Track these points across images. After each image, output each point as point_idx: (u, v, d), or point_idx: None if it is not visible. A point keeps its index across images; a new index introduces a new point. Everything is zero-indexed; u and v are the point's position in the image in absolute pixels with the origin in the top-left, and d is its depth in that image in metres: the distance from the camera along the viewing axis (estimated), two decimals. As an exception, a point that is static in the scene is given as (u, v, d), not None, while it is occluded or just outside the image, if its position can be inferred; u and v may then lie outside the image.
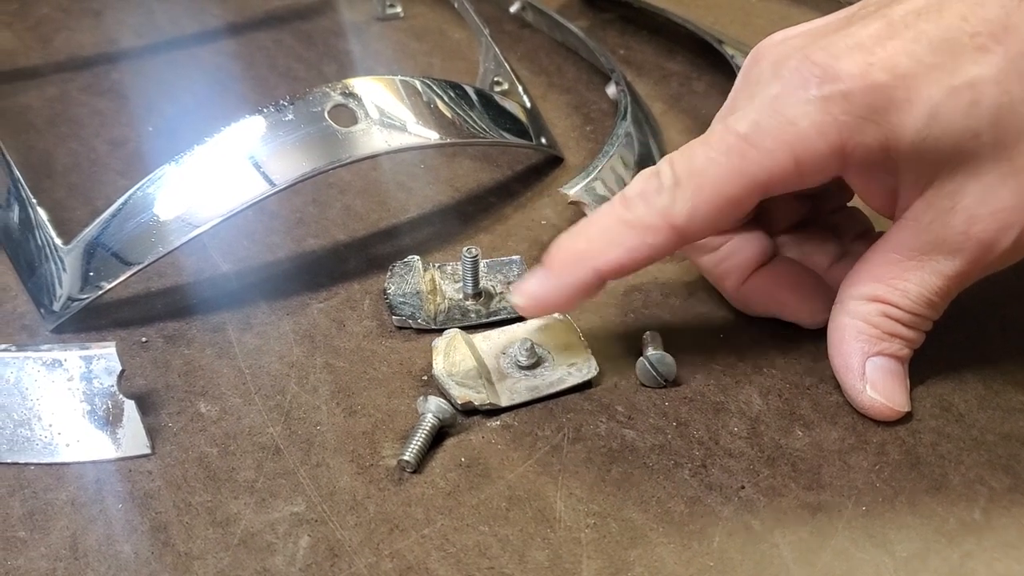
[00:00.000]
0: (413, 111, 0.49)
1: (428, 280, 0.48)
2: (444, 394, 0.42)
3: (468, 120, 0.52)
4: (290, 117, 0.46)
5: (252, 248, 0.51)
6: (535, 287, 0.41)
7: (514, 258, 0.49)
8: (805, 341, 0.45)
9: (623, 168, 0.52)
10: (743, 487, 0.40)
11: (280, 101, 0.46)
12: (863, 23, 0.38)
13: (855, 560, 0.37)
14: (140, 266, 0.44)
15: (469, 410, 0.42)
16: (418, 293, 0.47)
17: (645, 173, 0.41)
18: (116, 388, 0.40)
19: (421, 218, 0.53)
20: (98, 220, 0.45)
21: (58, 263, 0.45)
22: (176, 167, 0.45)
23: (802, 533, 0.38)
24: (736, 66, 0.60)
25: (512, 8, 0.70)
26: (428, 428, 0.40)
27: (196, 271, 0.49)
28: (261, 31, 0.69)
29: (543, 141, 0.56)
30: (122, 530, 0.38)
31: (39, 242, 0.46)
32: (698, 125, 0.59)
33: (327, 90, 0.47)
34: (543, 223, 0.53)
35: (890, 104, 0.37)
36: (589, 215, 0.44)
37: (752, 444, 0.41)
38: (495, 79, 0.59)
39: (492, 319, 0.47)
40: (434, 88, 0.51)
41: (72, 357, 0.40)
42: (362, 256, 0.51)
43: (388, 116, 0.48)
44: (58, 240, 0.45)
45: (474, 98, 0.53)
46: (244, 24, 0.69)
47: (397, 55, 0.67)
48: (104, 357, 0.40)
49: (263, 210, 0.51)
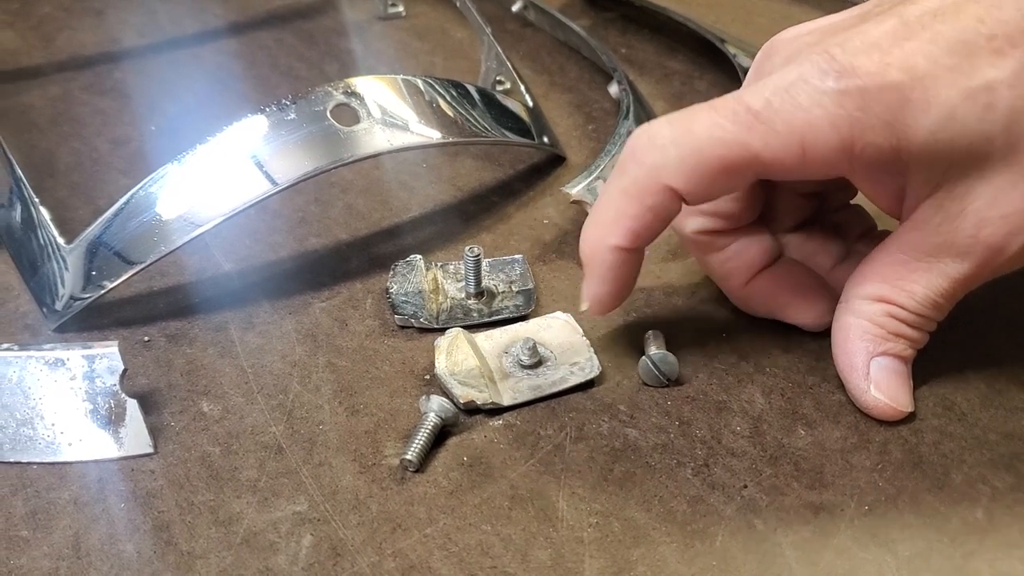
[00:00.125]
0: (415, 110, 0.49)
1: (430, 279, 0.48)
2: (446, 393, 0.42)
3: (470, 119, 0.52)
4: (292, 116, 0.46)
5: (254, 247, 0.51)
6: (585, 290, 0.42)
7: (516, 257, 0.49)
8: (807, 340, 0.45)
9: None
10: (746, 486, 0.40)
11: (282, 100, 0.46)
12: (878, 21, 0.38)
13: (857, 559, 0.37)
14: (142, 265, 0.44)
15: (471, 409, 0.42)
16: (420, 292, 0.47)
17: (638, 131, 0.40)
18: (118, 387, 0.40)
19: (423, 217, 0.53)
20: (100, 219, 0.45)
21: (60, 262, 0.45)
22: (178, 166, 0.45)
23: (805, 532, 0.38)
24: (738, 65, 0.60)
25: (514, 7, 0.70)
26: (430, 427, 0.40)
27: (198, 270, 0.49)
28: (263, 30, 0.69)
29: (545, 140, 0.56)
30: (124, 529, 0.38)
31: (41, 241, 0.46)
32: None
33: (329, 89, 0.47)
34: (545, 222, 0.53)
35: (905, 104, 0.37)
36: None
37: (755, 443, 0.41)
38: (497, 78, 0.59)
39: (494, 318, 0.47)
40: (436, 87, 0.51)
41: (74, 356, 0.40)
42: (364, 255, 0.51)
43: (390, 115, 0.48)
44: (60, 239, 0.45)
45: (476, 97, 0.53)
46: (246, 23, 0.69)
47: (399, 54, 0.67)
48: (106, 356, 0.40)
49: (265, 209, 0.51)
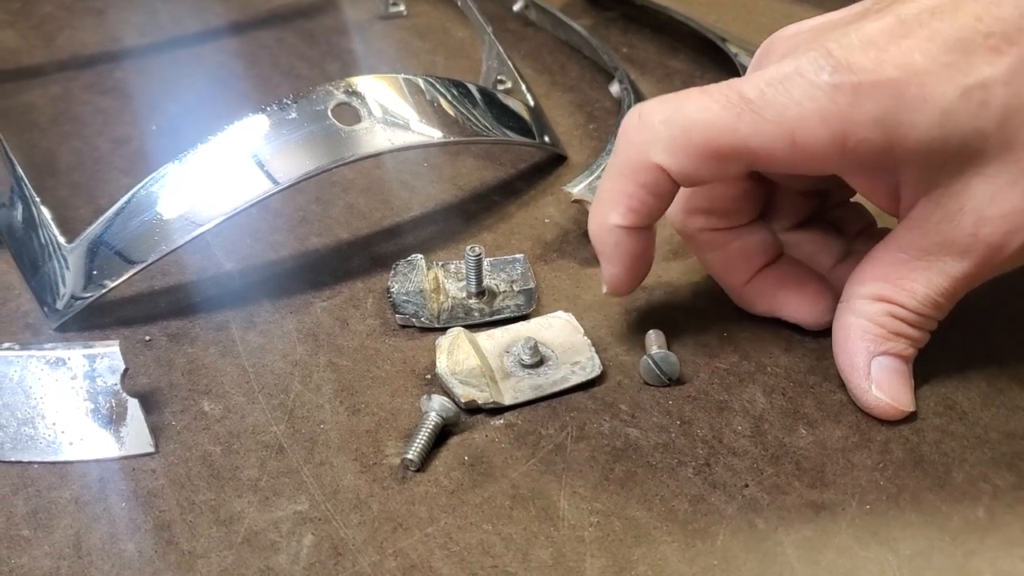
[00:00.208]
0: (416, 109, 0.49)
1: (431, 278, 0.48)
2: (448, 393, 0.42)
3: (471, 118, 0.52)
4: (293, 115, 0.46)
5: (255, 246, 0.51)
6: (602, 273, 0.43)
7: (517, 256, 0.49)
8: (809, 340, 0.45)
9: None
10: (747, 485, 0.40)
11: (283, 99, 0.46)
12: (876, 18, 0.38)
13: (859, 558, 0.37)
14: (143, 264, 0.44)
15: (473, 409, 0.42)
16: (421, 292, 0.47)
17: (631, 111, 0.41)
18: (120, 386, 0.40)
19: (424, 216, 0.53)
20: (101, 219, 0.45)
21: (61, 261, 0.45)
22: (179, 165, 0.45)
23: (806, 531, 0.38)
24: (740, 64, 0.60)
25: (515, 6, 0.70)
26: (431, 427, 0.40)
27: (199, 269, 0.49)
28: (264, 30, 0.69)
29: (546, 139, 0.56)
30: (126, 529, 0.38)
31: (42, 241, 0.46)
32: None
33: (330, 88, 0.47)
34: (546, 221, 0.53)
35: (900, 102, 0.37)
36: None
37: (756, 442, 0.41)
38: (498, 77, 0.59)
39: (495, 318, 0.47)
40: (437, 86, 0.51)
41: (76, 356, 0.40)
42: (365, 254, 0.51)
43: (391, 114, 0.48)
44: (61, 238, 0.45)
45: (477, 96, 0.53)
46: (247, 23, 0.70)
47: (400, 53, 0.67)
48: (107, 355, 0.40)
49: (266, 208, 0.51)
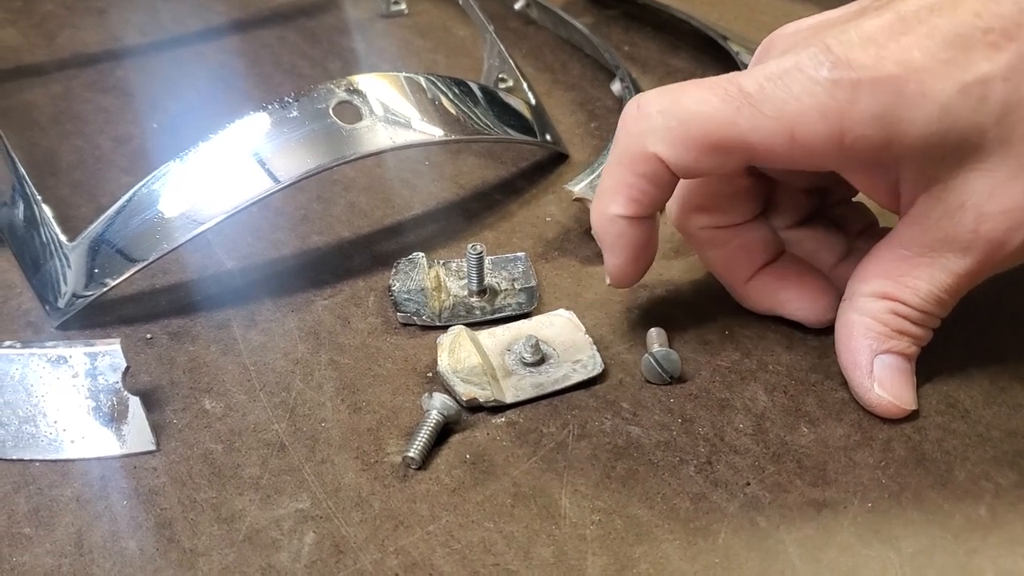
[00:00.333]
0: (418, 108, 0.49)
1: (433, 277, 0.48)
2: (449, 391, 0.42)
3: (473, 117, 0.52)
4: (294, 114, 0.46)
5: (257, 245, 0.51)
6: (605, 264, 0.43)
7: (519, 255, 0.49)
8: (810, 338, 0.45)
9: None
10: (748, 484, 0.39)
11: (284, 98, 0.46)
12: (875, 15, 0.38)
13: (861, 556, 0.37)
14: (145, 263, 0.44)
15: (474, 407, 0.42)
16: (423, 290, 0.47)
17: (630, 101, 0.41)
18: (121, 385, 0.40)
19: (426, 215, 0.53)
20: (103, 217, 0.45)
21: (63, 260, 0.45)
22: (180, 164, 0.45)
23: (808, 530, 0.38)
24: (741, 62, 0.60)
25: (517, 5, 0.70)
26: (433, 425, 0.40)
27: (201, 268, 0.49)
28: (265, 28, 0.69)
29: (548, 138, 0.56)
30: (127, 526, 0.38)
31: (44, 239, 0.46)
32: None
33: (332, 87, 0.47)
34: (548, 220, 0.53)
35: (899, 98, 0.37)
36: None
37: (757, 441, 0.41)
38: (500, 76, 0.59)
39: (497, 316, 0.47)
40: (438, 85, 0.51)
41: (77, 354, 0.40)
42: (367, 253, 0.50)
43: (393, 113, 0.48)
44: (63, 237, 0.45)
45: (479, 95, 0.53)
46: (248, 21, 0.69)
47: (401, 52, 0.67)
48: (109, 354, 0.40)
49: (268, 207, 0.51)
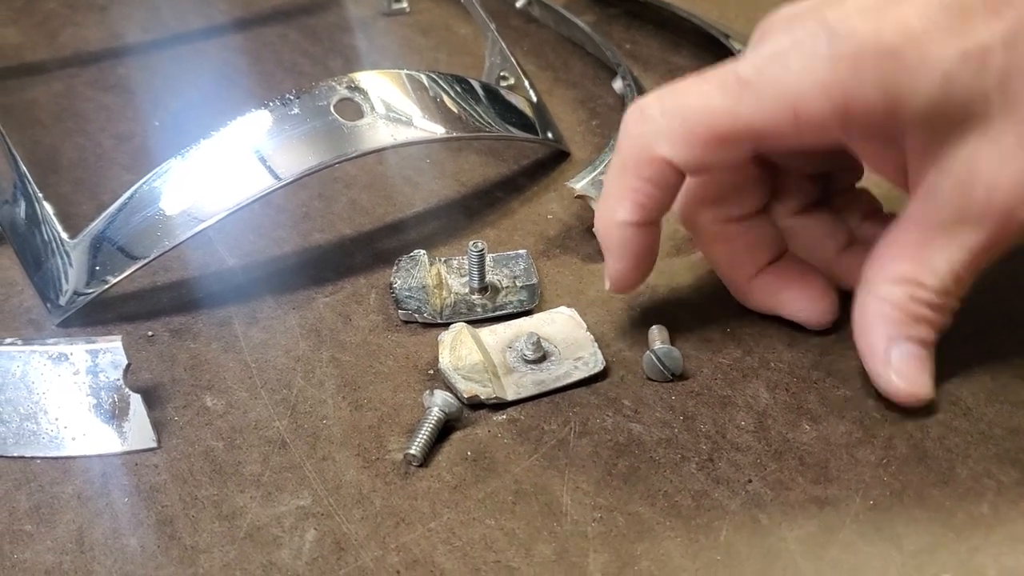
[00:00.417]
0: (419, 105, 0.49)
1: (434, 274, 0.48)
2: (450, 388, 0.42)
3: (474, 115, 0.51)
4: (296, 111, 0.46)
5: (258, 242, 0.51)
6: (606, 269, 0.43)
7: (520, 252, 0.49)
8: (812, 335, 0.45)
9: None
10: (750, 481, 0.39)
11: (286, 95, 0.46)
12: None
13: (863, 554, 0.37)
14: (146, 260, 0.44)
15: (475, 404, 0.42)
16: (424, 287, 0.47)
17: (631, 106, 0.41)
18: (122, 382, 0.40)
19: (427, 212, 0.53)
20: (104, 214, 0.45)
21: (64, 257, 0.45)
22: (182, 161, 0.45)
23: (809, 527, 0.38)
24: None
25: (518, 3, 0.70)
26: (434, 422, 0.40)
27: (202, 265, 0.49)
28: (267, 26, 0.69)
29: (549, 136, 0.56)
30: (128, 523, 0.38)
31: (45, 237, 0.46)
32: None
33: (333, 84, 0.47)
34: (549, 217, 0.53)
35: (899, 66, 0.36)
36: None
37: (759, 438, 0.41)
38: (501, 74, 0.59)
39: (498, 313, 0.47)
40: (440, 82, 0.51)
41: (78, 351, 0.40)
42: (368, 250, 0.50)
43: (394, 110, 0.48)
44: (64, 234, 0.45)
45: (480, 93, 0.53)
46: (250, 19, 0.69)
47: (403, 50, 0.67)
48: (110, 351, 0.40)
49: (269, 204, 0.51)
